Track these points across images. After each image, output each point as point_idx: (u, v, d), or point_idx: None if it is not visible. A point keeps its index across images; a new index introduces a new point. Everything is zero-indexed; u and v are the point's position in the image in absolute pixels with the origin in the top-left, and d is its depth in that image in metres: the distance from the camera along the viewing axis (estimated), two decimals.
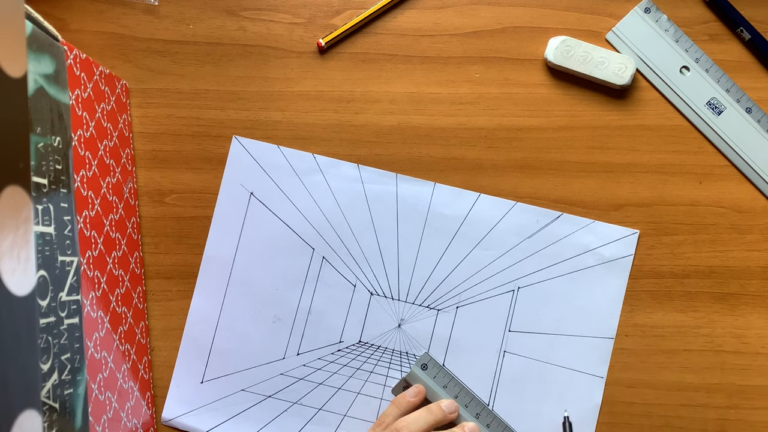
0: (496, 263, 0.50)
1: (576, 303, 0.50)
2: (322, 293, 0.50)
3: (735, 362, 0.50)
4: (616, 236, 0.50)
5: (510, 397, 0.49)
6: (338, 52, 0.51)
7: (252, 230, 0.50)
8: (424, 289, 0.50)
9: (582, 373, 0.49)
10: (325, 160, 0.50)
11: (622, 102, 0.51)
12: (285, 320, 0.50)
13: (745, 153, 0.50)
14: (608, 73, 0.49)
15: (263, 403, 0.49)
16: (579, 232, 0.50)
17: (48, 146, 0.36)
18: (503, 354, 0.49)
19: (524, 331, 0.50)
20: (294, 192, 0.50)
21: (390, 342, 0.50)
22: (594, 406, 0.49)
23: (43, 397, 0.33)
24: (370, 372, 0.50)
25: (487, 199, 0.50)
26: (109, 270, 0.44)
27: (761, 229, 0.50)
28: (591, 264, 0.50)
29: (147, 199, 0.51)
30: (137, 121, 0.51)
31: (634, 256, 0.50)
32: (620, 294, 0.50)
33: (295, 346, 0.50)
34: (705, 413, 0.50)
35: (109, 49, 0.51)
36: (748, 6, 0.50)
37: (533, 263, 0.50)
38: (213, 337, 0.50)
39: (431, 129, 0.51)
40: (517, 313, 0.50)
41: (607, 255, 0.50)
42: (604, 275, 0.50)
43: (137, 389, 0.47)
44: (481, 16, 0.51)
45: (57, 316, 0.35)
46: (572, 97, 0.51)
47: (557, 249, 0.50)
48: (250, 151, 0.50)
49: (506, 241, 0.50)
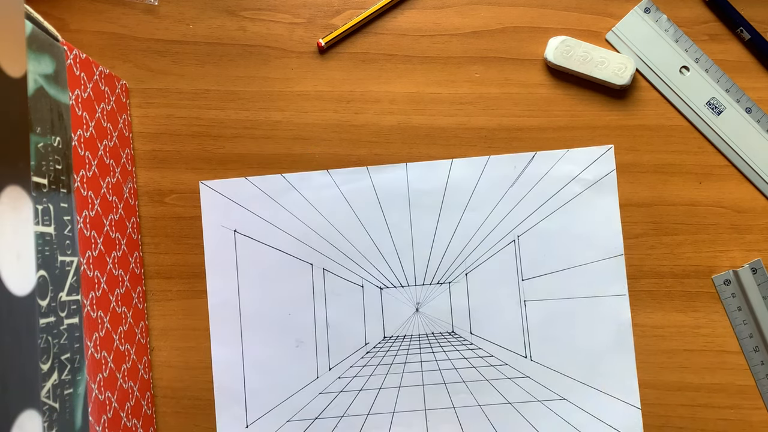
0: (489, 220, 0.50)
1: (576, 233, 0.50)
2: (334, 303, 0.50)
3: (735, 362, 0.50)
4: (593, 157, 0.50)
5: (543, 342, 0.50)
6: (338, 52, 0.51)
7: (247, 266, 0.50)
8: (429, 268, 0.50)
9: (603, 297, 0.50)
10: (295, 177, 0.50)
11: (622, 102, 0.51)
12: (307, 341, 0.50)
13: (745, 153, 0.50)
14: (608, 73, 0.49)
15: (312, 426, 0.49)
16: (557, 165, 0.50)
17: (48, 146, 0.36)
18: (524, 304, 0.50)
19: (536, 276, 0.50)
20: (275, 216, 0.50)
21: (413, 328, 0.50)
22: (625, 324, 0.49)
23: (43, 397, 0.33)
24: (404, 363, 0.50)
25: (461, 162, 0.50)
26: (109, 270, 0.44)
27: (761, 229, 0.50)
28: (578, 191, 0.50)
29: (147, 199, 0.51)
30: (137, 121, 0.51)
31: (631, 256, 0.50)
32: (615, 210, 0.50)
33: (324, 362, 0.50)
34: (705, 413, 0.50)
35: (109, 49, 0.51)
36: (748, 6, 0.50)
37: (524, 209, 0.50)
38: (244, 381, 0.50)
39: (431, 129, 0.51)
40: (524, 261, 0.50)
41: (590, 178, 0.50)
42: (594, 198, 0.50)
43: (137, 389, 0.47)
44: (481, 16, 0.51)
45: (57, 316, 0.35)
46: (572, 97, 0.51)
47: (542, 187, 0.50)
48: (219, 191, 0.50)
49: (492, 196, 0.50)
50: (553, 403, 0.49)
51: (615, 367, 0.49)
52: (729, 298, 0.50)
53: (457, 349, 0.50)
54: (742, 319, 0.50)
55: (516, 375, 0.49)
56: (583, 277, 0.50)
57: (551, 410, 0.49)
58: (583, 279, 0.50)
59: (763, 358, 0.49)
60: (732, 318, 0.50)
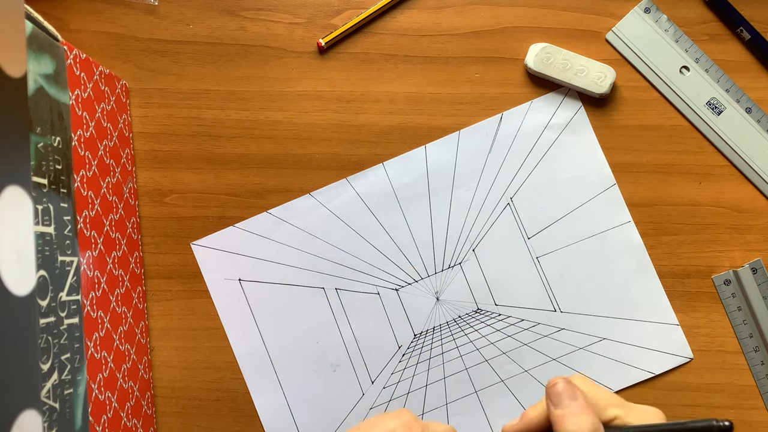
0: (478, 192, 0.50)
1: (565, 177, 0.50)
2: (356, 318, 0.50)
3: (735, 362, 0.50)
4: (557, 101, 0.50)
5: (566, 290, 0.50)
6: (338, 52, 0.51)
7: (262, 309, 0.50)
8: (436, 255, 0.50)
9: (610, 230, 0.50)
10: (279, 210, 0.50)
11: (622, 102, 0.51)
12: (342, 363, 0.50)
13: (745, 153, 0.50)
14: (587, 82, 0.49)
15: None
16: (526, 118, 0.50)
17: (48, 146, 0.36)
18: (537, 261, 0.50)
19: (540, 230, 0.50)
20: (273, 253, 0.50)
21: (439, 318, 0.50)
22: (639, 248, 0.50)
23: (43, 397, 0.33)
24: (441, 354, 0.50)
25: (434, 145, 0.50)
26: (109, 270, 0.44)
27: (761, 229, 0.50)
28: (554, 137, 0.50)
29: (147, 199, 0.51)
30: (137, 121, 0.51)
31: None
32: (595, 145, 0.50)
33: (365, 377, 0.50)
34: (705, 413, 0.50)
35: (109, 49, 0.51)
36: (748, 6, 0.50)
37: (508, 170, 0.50)
38: (294, 422, 0.50)
39: (431, 129, 0.51)
40: (524, 220, 0.50)
41: (561, 122, 0.50)
42: (571, 139, 0.50)
43: (137, 389, 0.47)
44: (481, 16, 0.51)
45: (57, 316, 0.35)
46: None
47: (519, 145, 0.50)
48: (213, 247, 0.50)
49: (473, 168, 0.50)
50: (595, 346, 0.50)
51: (642, 292, 0.50)
52: (729, 298, 0.50)
53: (488, 324, 0.50)
54: (742, 319, 0.50)
55: (551, 331, 0.50)
56: (585, 218, 0.50)
57: (596, 353, 0.50)
58: (586, 219, 0.50)
59: (763, 358, 0.49)
60: (732, 318, 0.50)
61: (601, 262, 0.50)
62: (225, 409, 0.51)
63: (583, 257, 0.50)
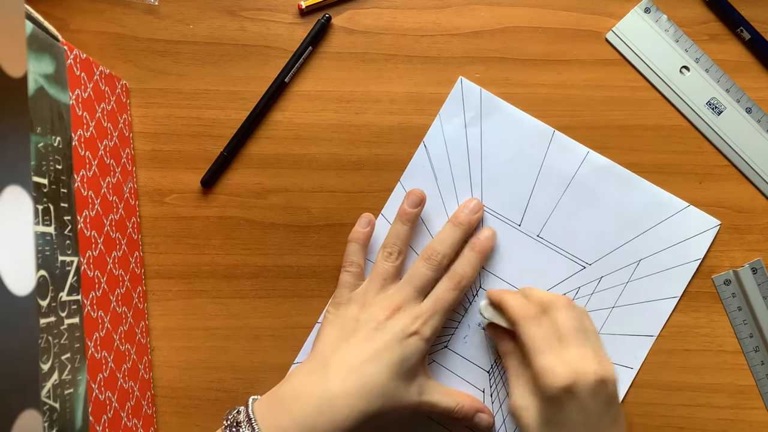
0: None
1: (509, 156, 0.50)
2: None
3: (735, 362, 0.50)
4: (458, 98, 0.51)
5: (579, 244, 0.50)
6: (338, 52, 0.51)
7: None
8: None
9: (579, 171, 0.50)
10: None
11: (622, 102, 0.51)
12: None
13: (745, 153, 0.50)
14: None
15: None
16: (445, 129, 0.51)
17: (48, 146, 0.36)
18: (540, 238, 0.50)
19: (522, 213, 0.48)
20: None
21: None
22: (610, 166, 0.50)
23: (43, 397, 0.33)
24: None
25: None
26: (109, 270, 0.44)
27: (761, 229, 0.50)
28: (478, 130, 0.51)
29: (147, 199, 0.51)
30: (137, 121, 0.51)
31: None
32: (514, 110, 0.50)
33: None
34: (705, 413, 0.50)
35: (109, 49, 0.51)
36: (748, 6, 0.50)
37: (462, 184, 0.51)
38: None
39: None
40: (504, 213, 0.51)
41: (474, 113, 0.50)
42: (493, 121, 0.50)
43: (137, 389, 0.47)
44: (481, 16, 0.51)
45: (57, 316, 0.35)
46: (572, 97, 0.51)
47: (455, 157, 0.51)
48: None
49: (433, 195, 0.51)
50: (638, 272, 0.50)
51: (640, 200, 0.50)
52: (729, 298, 0.50)
53: None
54: (742, 319, 0.50)
55: (594, 286, 0.50)
56: (550, 177, 0.50)
57: (643, 276, 0.50)
58: (551, 177, 0.50)
59: (763, 358, 0.49)
60: (732, 318, 0.50)
61: (590, 200, 0.50)
62: (225, 409, 0.51)
63: (573, 208, 0.50)
